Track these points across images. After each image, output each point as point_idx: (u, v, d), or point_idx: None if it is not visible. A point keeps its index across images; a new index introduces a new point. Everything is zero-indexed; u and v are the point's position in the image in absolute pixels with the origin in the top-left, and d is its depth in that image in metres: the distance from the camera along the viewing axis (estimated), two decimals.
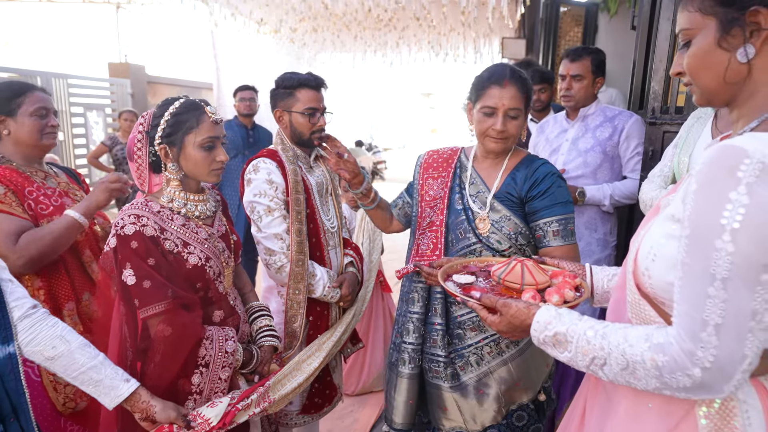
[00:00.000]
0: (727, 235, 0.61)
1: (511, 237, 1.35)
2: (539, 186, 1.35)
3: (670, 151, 1.67)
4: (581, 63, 2.09)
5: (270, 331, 1.43)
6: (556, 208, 1.34)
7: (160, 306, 1.13)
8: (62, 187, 1.57)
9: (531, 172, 1.37)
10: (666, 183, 1.64)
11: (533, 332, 0.83)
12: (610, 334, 0.73)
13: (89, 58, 7.20)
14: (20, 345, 1.02)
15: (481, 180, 1.43)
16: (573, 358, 0.77)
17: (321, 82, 1.73)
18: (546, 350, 0.82)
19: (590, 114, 2.15)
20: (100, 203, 1.50)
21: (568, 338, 0.77)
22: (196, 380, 1.19)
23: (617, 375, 0.72)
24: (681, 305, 0.67)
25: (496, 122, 1.32)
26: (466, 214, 1.40)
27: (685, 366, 0.65)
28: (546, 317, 0.82)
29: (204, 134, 1.22)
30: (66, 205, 1.51)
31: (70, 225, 1.42)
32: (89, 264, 1.53)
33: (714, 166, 0.63)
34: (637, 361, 0.69)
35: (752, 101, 0.72)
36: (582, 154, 2.10)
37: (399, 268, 1.37)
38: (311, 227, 1.69)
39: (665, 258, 0.71)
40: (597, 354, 0.73)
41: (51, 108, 1.54)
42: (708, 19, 0.72)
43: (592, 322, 0.77)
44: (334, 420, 2.51)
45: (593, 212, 2.11)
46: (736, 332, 0.62)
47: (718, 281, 0.62)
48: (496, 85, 1.32)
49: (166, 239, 1.19)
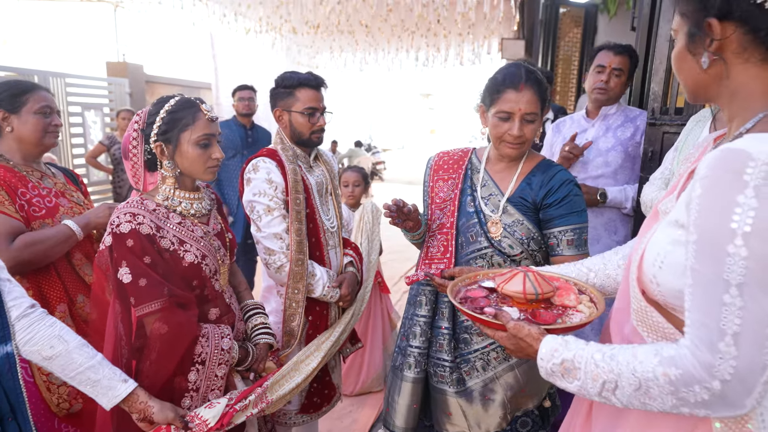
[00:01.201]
0: (739, 240, 0.59)
1: (523, 242, 1.32)
2: (556, 194, 1.32)
3: (671, 154, 1.67)
4: (624, 58, 2.00)
5: (265, 329, 1.43)
6: (572, 217, 1.31)
7: (156, 304, 1.13)
8: (59, 188, 1.57)
9: (547, 179, 1.34)
10: (666, 185, 1.64)
11: (540, 362, 0.81)
12: (619, 354, 0.71)
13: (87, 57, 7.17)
14: (18, 345, 1.01)
15: (494, 183, 1.40)
16: (583, 386, 0.74)
17: (321, 81, 1.72)
18: (556, 382, 0.79)
19: (612, 114, 2.09)
20: (100, 223, 1.52)
21: (576, 365, 0.74)
22: (193, 377, 1.19)
23: (631, 398, 0.69)
24: (694, 314, 0.65)
25: (513, 127, 1.28)
26: (478, 217, 1.37)
27: (703, 378, 0.62)
28: (553, 345, 0.79)
29: (200, 131, 1.22)
30: (60, 206, 1.50)
31: (67, 236, 1.43)
32: (81, 267, 1.52)
33: (718, 170, 0.62)
34: (649, 378, 0.66)
35: (737, 103, 0.73)
36: (603, 154, 2.04)
37: (409, 274, 1.34)
38: (311, 227, 1.68)
39: (673, 265, 0.70)
40: (607, 377, 0.70)
41: (55, 107, 1.55)
42: (683, 23, 0.75)
43: (599, 346, 0.75)
44: (333, 420, 2.50)
45: (613, 214, 2.05)
46: (755, 341, 0.60)
47: (734, 287, 0.60)
48: (511, 88, 1.27)
49: (162, 237, 1.19)
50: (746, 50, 0.69)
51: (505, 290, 0.98)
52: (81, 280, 1.52)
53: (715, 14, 0.69)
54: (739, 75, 0.71)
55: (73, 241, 1.46)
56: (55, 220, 1.47)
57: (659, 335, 0.75)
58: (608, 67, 2.01)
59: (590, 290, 1.01)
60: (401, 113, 27.10)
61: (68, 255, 1.50)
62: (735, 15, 0.68)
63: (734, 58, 0.70)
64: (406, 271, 5.07)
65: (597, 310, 0.94)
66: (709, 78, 0.73)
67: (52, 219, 1.47)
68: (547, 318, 0.94)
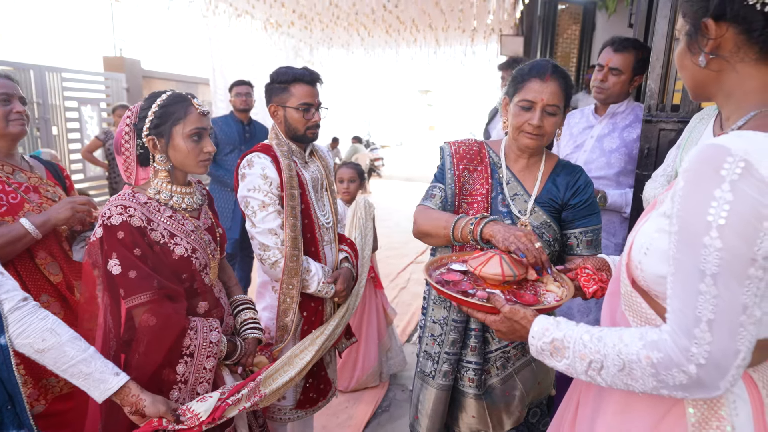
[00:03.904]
0: (714, 232, 0.62)
1: (551, 244, 1.31)
2: (581, 195, 1.31)
3: (673, 152, 1.66)
4: (624, 56, 1.92)
5: (254, 324, 1.45)
6: (593, 218, 1.32)
7: (145, 296, 1.14)
8: (33, 182, 1.50)
9: (573, 180, 1.33)
10: (669, 183, 1.64)
11: (531, 339, 0.85)
12: (606, 336, 0.75)
13: (84, 51, 7.14)
14: (11, 337, 1.01)
15: (518, 182, 1.35)
16: (571, 364, 0.78)
17: (316, 77, 1.71)
18: (544, 360, 0.83)
19: (620, 112, 2.02)
20: (60, 221, 1.43)
21: (565, 344, 0.79)
22: (181, 369, 1.20)
23: (615, 378, 0.73)
24: (674, 301, 0.68)
25: (534, 117, 1.25)
26: (511, 218, 1.32)
27: (681, 362, 0.66)
28: (544, 324, 0.84)
29: (191, 125, 1.24)
30: (26, 203, 1.44)
31: (19, 236, 1.35)
32: (45, 266, 1.46)
33: (699, 164, 0.65)
34: (632, 360, 0.70)
35: (733, 101, 0.76)
36: (606, 155, 1.99)
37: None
38: (306, 223, 1.68)
39: (657, 251, 0.73)
40: (594, 357, 0.74)
41: (15, 94, 1.46)
42: (685, 23, 0.78)
43: (588, 327, 0.79)
44: (329, 416, 2.51)
45: (612, 216, 2.03)
46: (728, 327, 0.63)
47: (708, 277, 0.63)
48: (537, 78, 1.25)
49: (152, 230, 1.20)
50: (740, 50, 0.72)
51: (483, 273, 1.01)
52: (46, 280, 1.46)
53: (711, 15, 0.72)
54: (734, 74, 0.74)
55: (28, 241, 1.38)
56: (16, 217, 1.40)
57: (643, 320, 0.78)
58: (606, 65, 1.97)
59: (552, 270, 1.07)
60: (400, 109, 27.06)
61: (31, 254, 1.43)
62: (729, 15, 0.71)
63: (729, 57, 0.73)
64: (403, 267, 5.08)
65: (566, 288, 1.01)
66: (707, 77, 0.76)
67: (13, 216, 1.40)
68: (528, 299, 0.99)
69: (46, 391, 1.44)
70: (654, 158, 1.87)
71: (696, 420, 0.73)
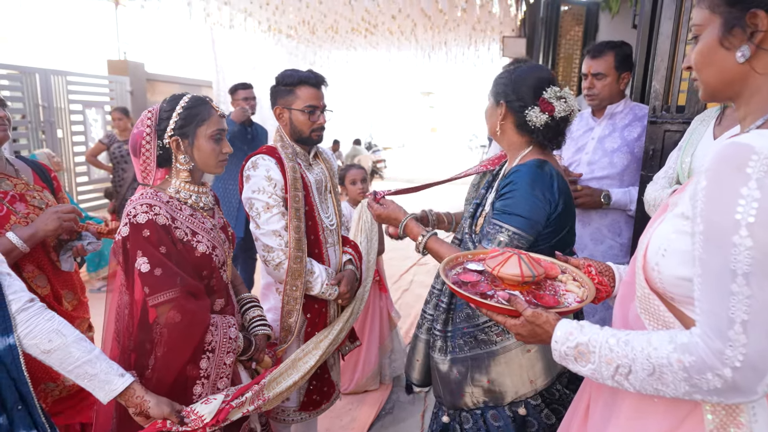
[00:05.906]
0: (743, 230, 0.61)
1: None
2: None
3: (674, 154, 1.65)
4: (603, 60, 1.98)
5: (262, 321, 1.49)
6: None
7: (171, 293, 1.16)
8: (19, 189, 1.46)
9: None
10: (670, 184, 1.62)
11: (554, 344, 0.81)
12: (633, 340, 0.72)
13: (88, 55, 7.18)
14: (19, 337, 1.02)
15: None
16: (597, 369, 0.75)
17: (321, 79, 1.72)
18: (567, 365, 0.80)
19: (618, 112, 2.05)
20: (47, 232, 1.39)
21: (590, 348, 0.76)
22: (204, 365, 1.23)
23: (644, 383, 0.70)
24: (704, 303, 0.66)
25: None
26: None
27: (715, 366, 0.64)
28: (568, 329, 0.80)
29: (214, 126, 1.30)
30: (12, 215, 1.40)
31: (7, 251, 1.29)
32: (33, 279, 1.43)
33: (722, 163, 0.64)
34: (663, 364, 0.68)
35: (756, 99, 0.73)
36: (608, 155, 2.00)
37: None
38: (310, 224, 1.68)
39: (676, 253, 0.72)
40: (621, 362, 0.72)
41: None
42: (714, 17, 0.74)
43: (613, 331, 0.76)
44: (332, 419, 2.50)
45: (618, 215, 2.02)
46: (764, 328, 0.61)
47: (740, 277, 0.62)
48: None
49: (176, 228, 1.24)
50: None
51: (502, 273, 0.97)
52: (34, 293, 1.39)
53: (763, 5, 0.69)
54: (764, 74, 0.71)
55: (16, 255, 1.34)
56: (2, 231, 1.36)
57: (660, 323, 0.76)
58: (588, 73, 2.03)
59: (569, 269, 1.03)
60: (402, 111, 27.08)
61: (19, 268, 1.40)
62: None
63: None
64: (406, 269, 5.07)
65: (586, 288, 0.96)
66: (740, 73, 0.73)
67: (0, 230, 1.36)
68: (548, 300, 0.94)
69: (46, 395, 1.45)
70: (659, 160, 1.86)
71: (714, 426, 0.71)
